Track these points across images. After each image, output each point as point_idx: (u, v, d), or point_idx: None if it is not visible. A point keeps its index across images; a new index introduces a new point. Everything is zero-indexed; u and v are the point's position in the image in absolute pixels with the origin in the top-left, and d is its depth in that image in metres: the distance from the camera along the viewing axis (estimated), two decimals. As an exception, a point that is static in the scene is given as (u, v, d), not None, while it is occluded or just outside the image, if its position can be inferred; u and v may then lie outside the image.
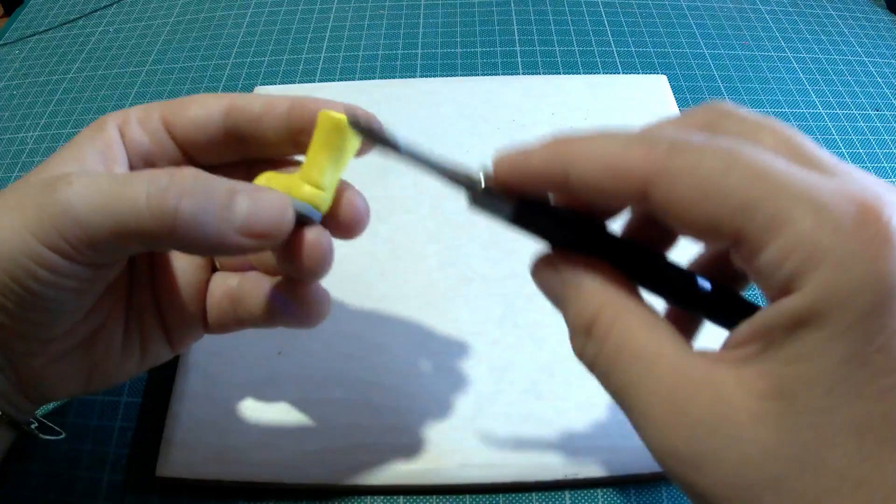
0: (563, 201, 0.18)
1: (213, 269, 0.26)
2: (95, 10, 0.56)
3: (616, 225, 0.19)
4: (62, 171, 0.20)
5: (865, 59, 0.49)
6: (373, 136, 0.19)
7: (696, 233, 0.15)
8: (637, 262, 0.18)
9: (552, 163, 0.16)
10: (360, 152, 0.22)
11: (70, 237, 0.18)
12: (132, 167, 0.23)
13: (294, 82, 0.47)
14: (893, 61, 0.49)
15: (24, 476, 0.29)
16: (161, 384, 0.31)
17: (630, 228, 0.20)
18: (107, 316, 0.23)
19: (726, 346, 0.15)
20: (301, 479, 0.27)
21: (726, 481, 0.14)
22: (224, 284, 0.25)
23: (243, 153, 0.24)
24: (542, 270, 0.18)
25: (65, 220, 0.18)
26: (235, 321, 0.25)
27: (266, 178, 0.21)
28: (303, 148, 0.22)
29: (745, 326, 0.15)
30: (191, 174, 0.19)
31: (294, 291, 0.23)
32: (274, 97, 0.23)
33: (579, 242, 0.18)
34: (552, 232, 0.18)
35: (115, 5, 0.56)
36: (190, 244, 0.19)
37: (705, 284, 0.18)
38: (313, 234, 0.21)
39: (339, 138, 0.20)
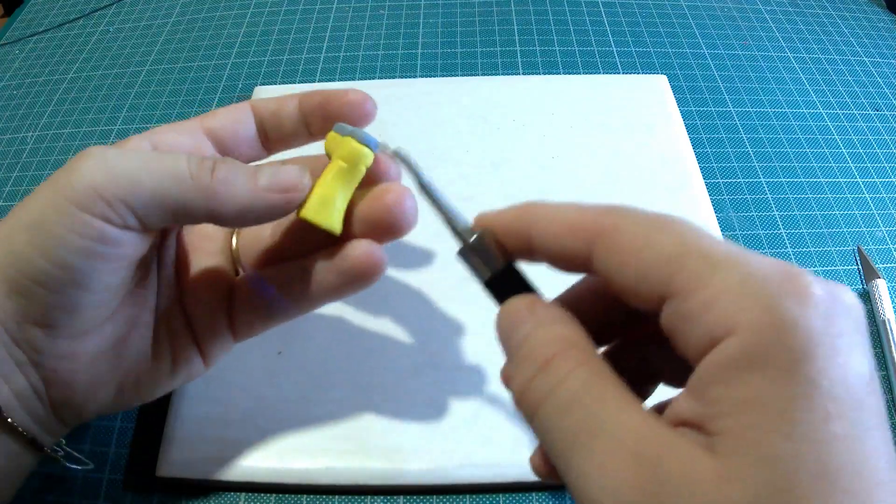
0: (527, 259, 0.19)
1: (237, 274, 0.26)
2: (95, 10, 0.56)
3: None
4: None
5: (865, 59, 0.49)
6: (408, 167, 0.23)
7: (631, 284, 0.16)
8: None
9: (520, 219, 0.19)
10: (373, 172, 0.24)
11: (111, 198, 0.19)
12: None
13: (294, 82, 0.47)
14: (893, 61, 0.49)
15: (24, 476, 0.29)
16: (161, 384, 0.31)
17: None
18: (135, 318, 0.23)
19: (671, 411, 0.15)
20: (301, 479, 0.27)
21: None
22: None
23: (268, 150, 0.26)
24: (516, 304, 0.18)
25: (107, 180, 0.19)
26: (266, 318, 0.25)
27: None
28: (316, 132, 0.25)
29: (683, 393, 0.15)
30: (219, 157, 0.21)
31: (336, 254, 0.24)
32: (284, 96, 0.26)
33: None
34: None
35: (115, 5, 0.56)
36: (225, 206, 0.21)
37: None
38: (397, 189, 0.23)
39: (356, 166, 0.23)
